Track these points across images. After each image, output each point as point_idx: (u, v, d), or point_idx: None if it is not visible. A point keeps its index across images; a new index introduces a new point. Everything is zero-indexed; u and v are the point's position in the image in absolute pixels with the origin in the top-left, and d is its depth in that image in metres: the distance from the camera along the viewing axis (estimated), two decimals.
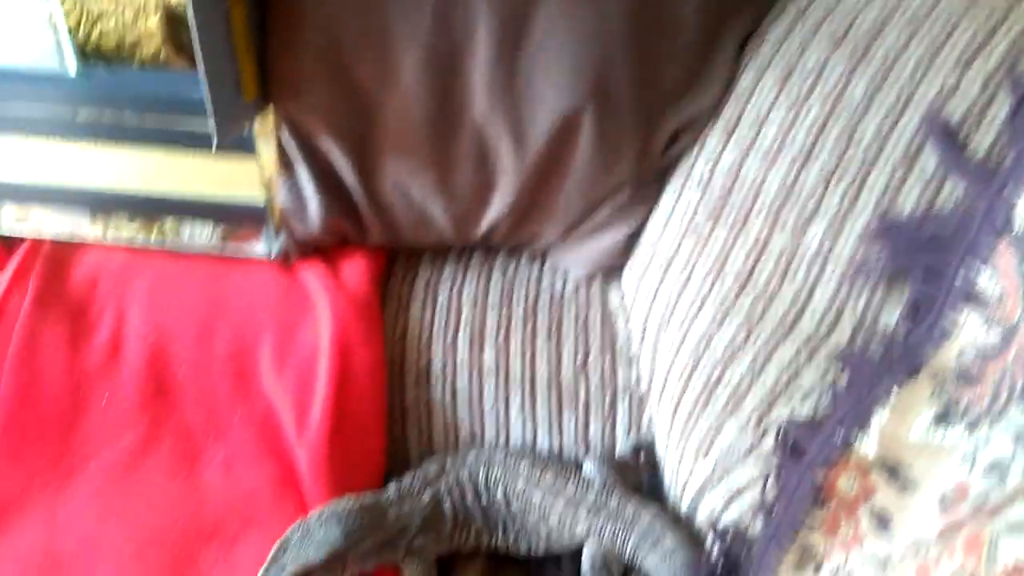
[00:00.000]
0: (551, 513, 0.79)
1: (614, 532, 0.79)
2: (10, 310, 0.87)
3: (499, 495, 0.80)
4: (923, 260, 0.65)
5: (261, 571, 0.68)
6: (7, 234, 0.93)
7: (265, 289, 0.88)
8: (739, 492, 0.72)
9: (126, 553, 0.77)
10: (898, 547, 0.55)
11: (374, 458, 0.85)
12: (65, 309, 0.88)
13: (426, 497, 0.78)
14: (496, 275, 0.97)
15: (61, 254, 0.91)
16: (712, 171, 0.84)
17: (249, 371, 0.86)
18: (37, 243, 0.92)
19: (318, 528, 0.71)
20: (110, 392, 0.86)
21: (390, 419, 0.89)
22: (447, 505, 0.79)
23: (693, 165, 0.86)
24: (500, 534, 0.81)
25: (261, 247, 0.89)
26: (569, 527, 0.80)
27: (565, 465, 0.84)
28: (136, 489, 0.82)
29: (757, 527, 0.69)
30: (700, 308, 0.79)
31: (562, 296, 0.95)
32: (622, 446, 0.89)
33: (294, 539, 0.70)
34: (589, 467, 0.84)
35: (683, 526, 0.77)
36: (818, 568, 0.62)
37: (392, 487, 0.79)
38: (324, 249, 0.93)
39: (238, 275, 0.90)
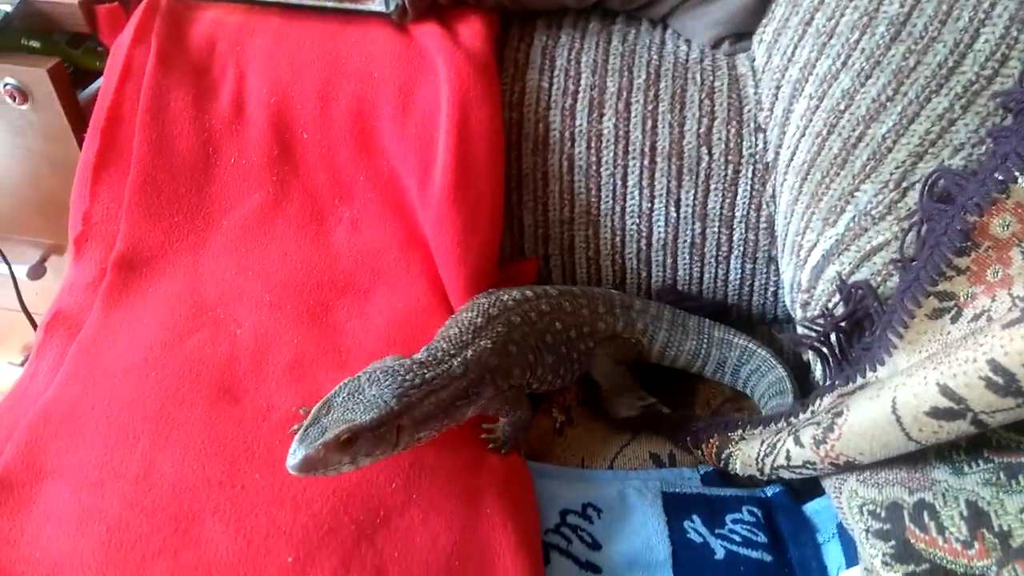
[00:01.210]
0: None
1: (722, 359, 0.83)
2: (136, 68, 0.88)
3: (573, 334, 0.79)
4: None
5: (299, 431, 0.60)
6: None
7: (383, 48, 0.86)
8: (871, 254, 0.71)
9: (266, 300, 0.82)
10: None
11: (493, 221, 0.85)
12: (188, 68, 0.88)
13: (487, 344, 0.71)
14: (616, 41, 0.92)
15: (178, 12, 0.90)
16: None
17: (370, 131, 0.86)
18: (154, 1, 0.90)
19: (368, 387, 0.63)
20: (237, 152, 0.88)
21: (506, 187, 0.89)
22: (513, 348, 0.73)
23: None
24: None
25: (378, 1, 0.86)
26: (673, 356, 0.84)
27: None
28: (269, 244, 0.86)
29: (890, 285, 0.68)
30: (844, 64, 0.74)
31: (686, 63, 0.90)
32: (740, 215, 0.88)
33: (339, 398, 0.62)
34: None
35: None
36: (957, 316, 0.61)
37: (442, 344, 0.71)
38: (439, 9, 0.90)
39: (355, 33, 0.88)
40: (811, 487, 0.73)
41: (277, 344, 0.77)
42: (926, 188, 0.64)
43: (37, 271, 1.20)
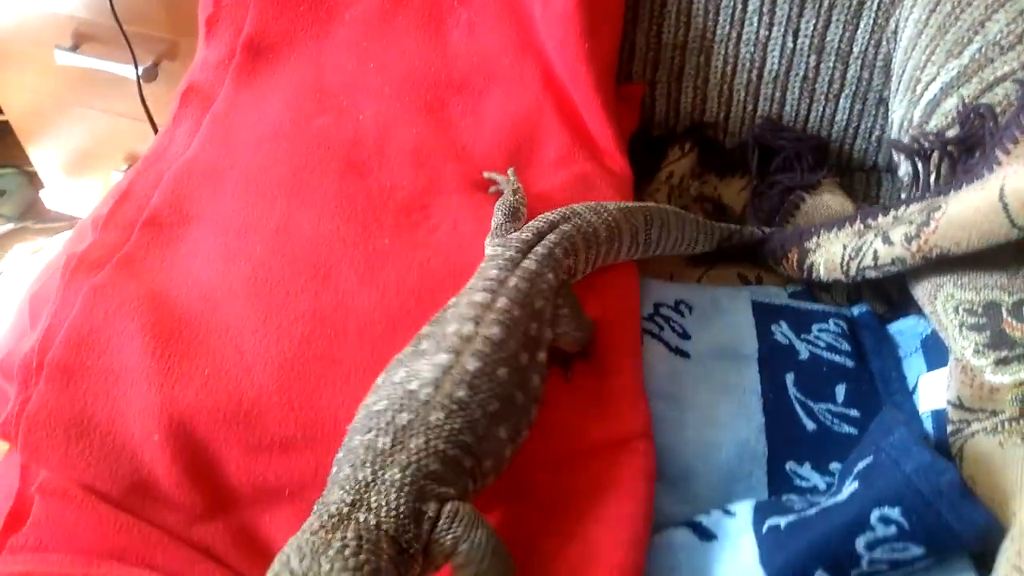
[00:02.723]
0: None
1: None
2: None
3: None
4: None
5: None
6: None
7: None
8: (993, 84, 0.70)
9: (385, 92, 0.85)
10: None
11: (613, 31, 0.86)
12: None
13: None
14: None
15: None
16: None
17: None
18: None
19: None
20: None
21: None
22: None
23: None
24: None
25: None
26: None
27: None
28: (389, 40, 0.89)
29: (1009, 108, 0.68)
30: None
31: None
32: (858, 50, 0.87)
33: None
34: None
35: None
36: None
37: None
38: None
39: None
40: (895, 310, 0.77)
41: (398, 131, 0.81)
42: None
43: (150, 74, 1.25)
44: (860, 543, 0.48)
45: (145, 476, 0.58)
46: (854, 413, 0.67)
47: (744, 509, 0.58)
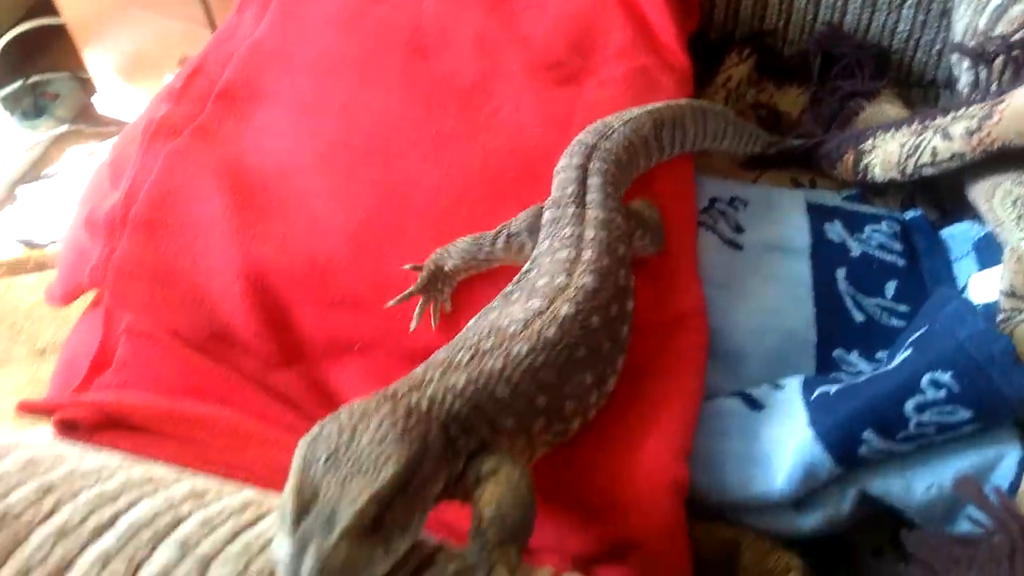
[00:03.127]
0: None
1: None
2: None
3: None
4: None
5: (286, 534, 0.38)
6: None
7: None
8: None
9: None
10: None
11: None
12: None
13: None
14: None
15: None
16: None
17: None
18: None
19: (361, 435, 0.42)
20: None
21: None
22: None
23: None
24: None
25: None
26: None
27: None
28: None
29: None
30: None
31: None
32: None
33: (319, 466, 0.40)
34: None
35: None
36: None
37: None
38: None
39: None
40: (947, 217, 0.77)
41: (459, 19, 0.82)
42: None
43: None
44: (909, 405, 0.51)
45: (224, 325, 0.61)
46: (903, 308, 0.69)
47: (793, 383, 0.60)
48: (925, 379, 0.50)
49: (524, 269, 0.59)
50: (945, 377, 0.50)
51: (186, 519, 0.40)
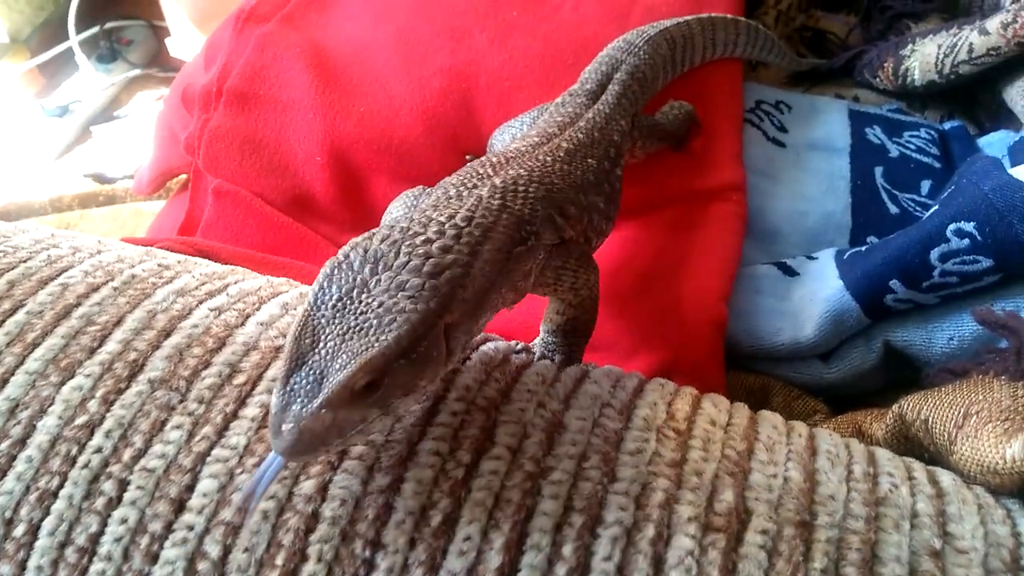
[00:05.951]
0: None
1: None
2: None
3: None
4: None
5: (278, 386, 0.36)
6: None
7: None
8: None
9: None
10: None
11: None
12: None
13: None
14: None
15: None
16: None
17: None
18: None
19: (375, 279, 0.38)
20: None
21: None
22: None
23: None
24: None
25: None
26: None
27: None
28: None
29: None
30: None
31: None
32: None
33: (326, 310, 0.37)
34: None
35: None
36: None
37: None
38: None
39: None
40: (984, 131, 0.80)
41: None
42: None
43: None
44: (934, 254, 0.54)
45: (305, 191, 0.67)
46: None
47: (827, 252, 0.64)
48: (950, 228, 0.54)
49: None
50: (969, 226, 0.53)
51: (286, 292, 0.46)
